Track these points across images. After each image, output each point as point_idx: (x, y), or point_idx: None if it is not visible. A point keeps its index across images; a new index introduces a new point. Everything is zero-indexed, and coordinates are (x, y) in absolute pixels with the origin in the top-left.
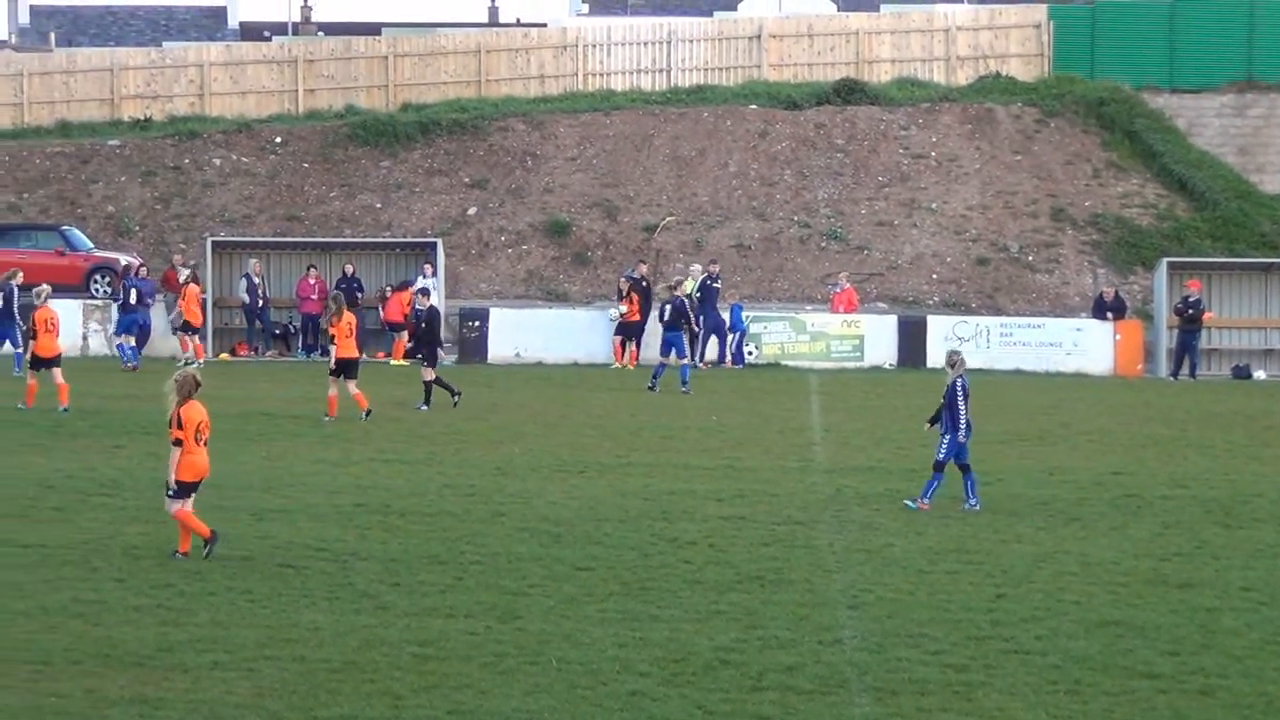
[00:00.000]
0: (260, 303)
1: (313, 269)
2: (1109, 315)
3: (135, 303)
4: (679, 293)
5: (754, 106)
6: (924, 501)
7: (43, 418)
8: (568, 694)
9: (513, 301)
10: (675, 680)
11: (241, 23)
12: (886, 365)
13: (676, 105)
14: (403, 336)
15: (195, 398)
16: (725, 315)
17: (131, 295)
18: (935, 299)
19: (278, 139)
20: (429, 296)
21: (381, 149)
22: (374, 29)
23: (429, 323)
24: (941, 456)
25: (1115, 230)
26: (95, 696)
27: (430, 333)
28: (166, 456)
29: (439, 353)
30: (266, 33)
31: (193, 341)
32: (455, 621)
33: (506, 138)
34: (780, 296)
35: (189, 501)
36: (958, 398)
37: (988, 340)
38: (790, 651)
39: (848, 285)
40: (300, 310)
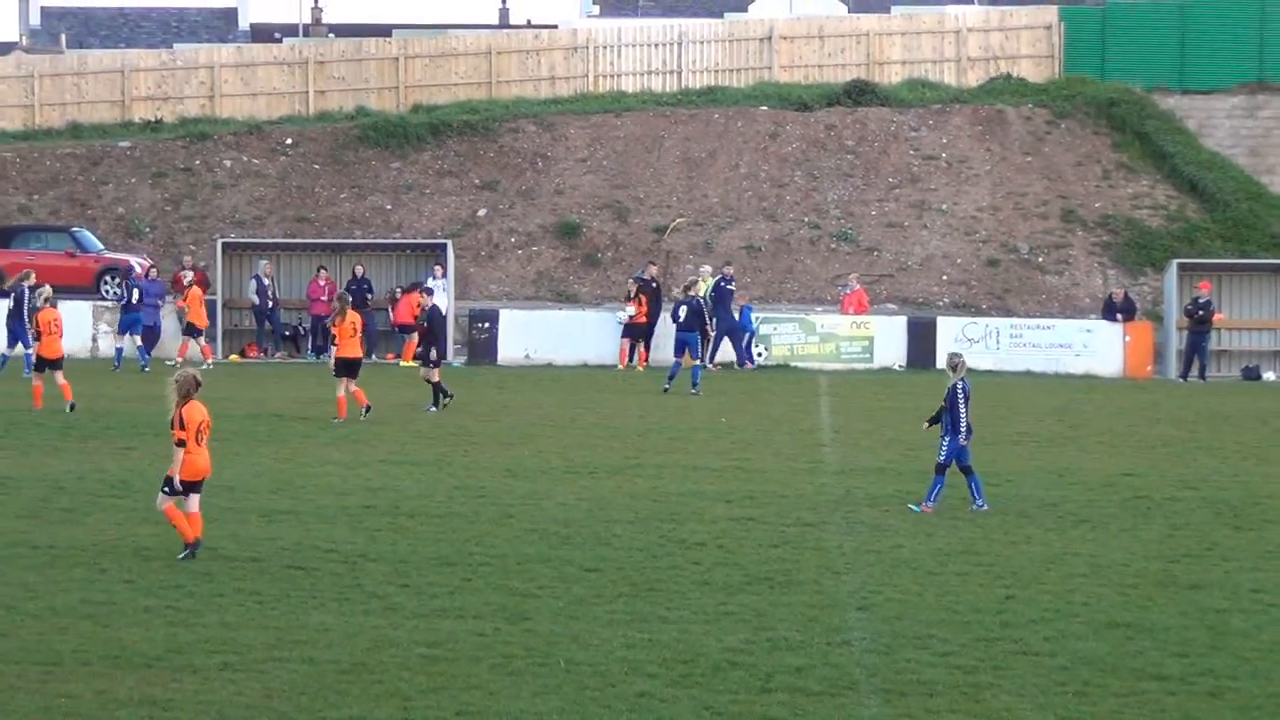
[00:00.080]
0: (270, 304)
1: (323, 270)
2: (1119, 317)
3: (136, 302)
4: (693, 293)
5: (764, 108)
6: (927, 505)
7: (53, 419)
8: (576, 695)
9: (523, 303)
10: (684, 681)
11: (252, 24)
12: (896, 366)
13: (687, 107)
14: (413, 338)
15: (195, 398)
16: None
17: (134, 295)
18: (945, 300)
19: (288, 140)
20: (431, 296)
21: (392, 150)
22: (385, 30)
23: (430, 322)
24: (943, 459)
25: (1125, 231)
26: (105, 697)
27: (432, 332)
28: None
29: (437, 352)
30: (277, 34)
31: (198, 343)
32: (464, 623)
33: (517, 139)
34: (790, 298)
35: (194, 502)
36: (958, 400)
37: (997, 341)
38: (799, 653)
39: (857, 286)
40: (310, 312)
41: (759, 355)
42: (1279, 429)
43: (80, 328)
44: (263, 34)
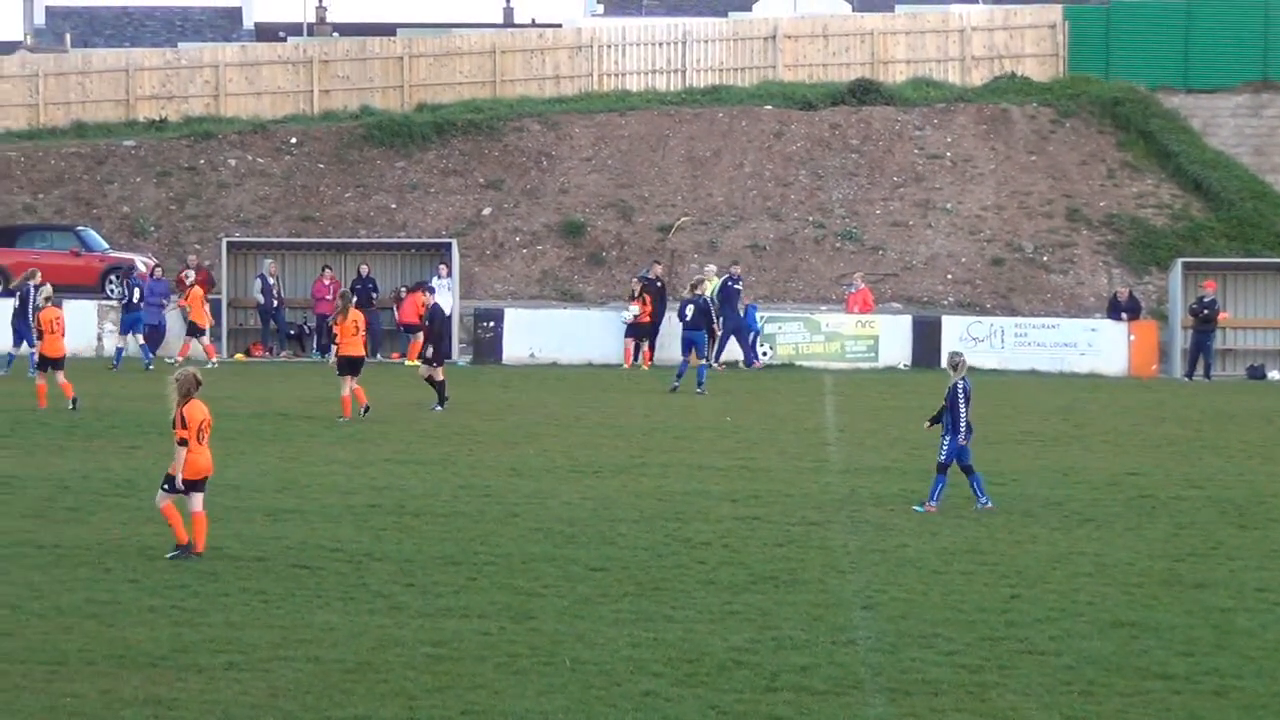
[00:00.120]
0: (275, 303)
1: (328, 270)
2: (1124, 316)
3: (137, 301)
4: (700, 292)
5: (769, 107)
6: (931, 505)
7: (57, 418)
8: (581, 694)
9: (527, 302)
10: (689, 681)
11: (257, 23)
12: (901, 366)
13: (691, 106)
14: (418, 337)
15: (196, 396)
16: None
17: (134, 294)
18: (950, 299)
19: (293, 140)
20: (432, 295)
21: (396, 149)
22: (389, 29)
23: (431, 321)
24: (943, 458)
25: (1130, 230)
26: (110, 697)
27: (433, 332)
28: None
29: (434, 351)
30: (282, 33)
31: (199, 343)
32: (469, 622)
33: (521, 138)
34: (795, 297)
35: (198, 501)
36: (959, 400)
37: (1002, 341)
38: (804, 652)
39: (862, 286)
40: (315, 311)
41: (764, 354)
42: None
43: (85, 327)
44: (267, 33)
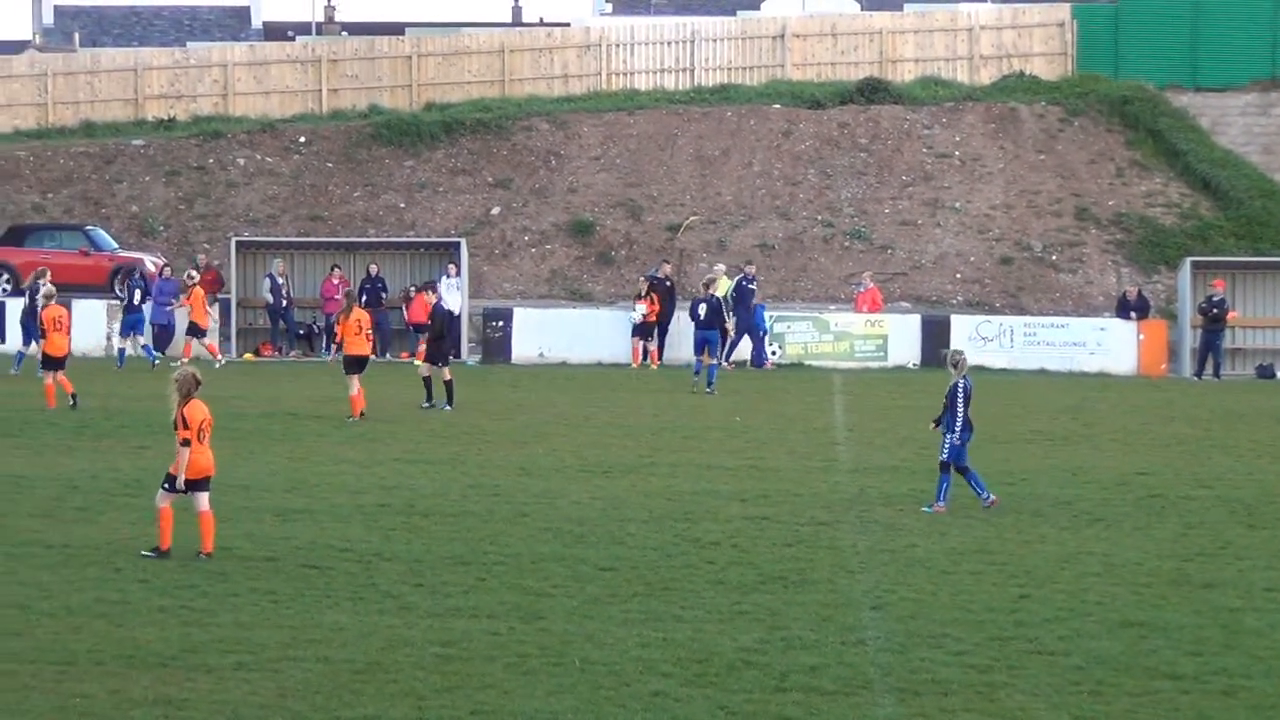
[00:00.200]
0: (284, 303)
1: (337, 269)
2: (1133, 315)
3: (138, 303)
4: (712, 291)
5: (777, 106)
6: (939, 505)
7: (66, 418)
8: (590, 695)
9: (536, 301)
10: (698, 681)
11: (265, 23)
12: (910, 365)
13: (700, 105)
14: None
15: (196, 396)
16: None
17: (135, 295)
18: (959, 299)
19: (301, 139)
20: (435, 294)
21: (405, 149)
22: (397, 29)
23: (434, 320)
24: (945, 457)
25: (1139, 229)
26: (119, 697)
27: (432, 331)
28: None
29: (432, 350)
30: (290, 32)
31: (201, 343)
32: (478, 622)
33: (530, 137)
34: (804, 296)
35: (203, 500)
36: (958, 399)
37: (1011, 340)
38: (813, 652)
39: (871, 285)
40: (324, 310)
41: (773, 354)
42: None
43: (94, 326)
44: (276, 32)
